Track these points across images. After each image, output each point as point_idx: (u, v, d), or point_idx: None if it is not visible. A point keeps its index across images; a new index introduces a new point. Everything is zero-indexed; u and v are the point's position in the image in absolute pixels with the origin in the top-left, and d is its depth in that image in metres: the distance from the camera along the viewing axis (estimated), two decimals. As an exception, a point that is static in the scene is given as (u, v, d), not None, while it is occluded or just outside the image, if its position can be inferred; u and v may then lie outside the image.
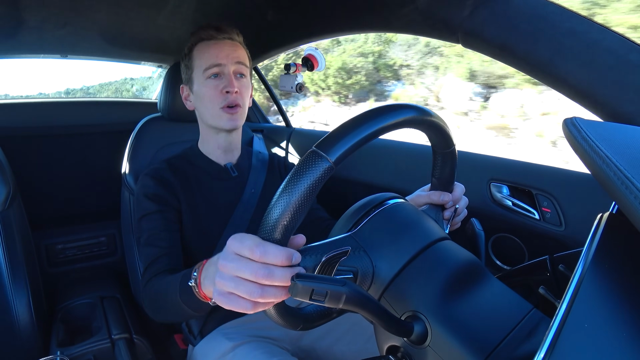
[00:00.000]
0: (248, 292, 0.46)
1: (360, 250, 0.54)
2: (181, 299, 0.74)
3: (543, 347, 0.32)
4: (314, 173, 0.44)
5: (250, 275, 0.46)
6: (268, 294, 0.46)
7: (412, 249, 0.53)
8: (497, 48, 0.74)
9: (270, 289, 0.46)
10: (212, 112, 1.05)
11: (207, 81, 1.05)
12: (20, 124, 1.72)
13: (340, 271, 0.51)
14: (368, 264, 0.53)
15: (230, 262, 0.48)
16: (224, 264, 0.48)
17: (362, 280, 0.53)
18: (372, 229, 0.56)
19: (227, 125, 1.05)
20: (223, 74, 1.05)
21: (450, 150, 0.64)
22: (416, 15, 0.91)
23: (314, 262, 0.49)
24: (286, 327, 0.54)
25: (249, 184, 1.15)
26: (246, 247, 0.46)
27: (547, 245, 0.99)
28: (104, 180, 1.73)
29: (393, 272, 0.52)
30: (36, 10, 1.21)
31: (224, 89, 1.03)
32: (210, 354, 0.97)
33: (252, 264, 0.46)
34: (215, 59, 1.04)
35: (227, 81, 1.04)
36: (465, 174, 1.09)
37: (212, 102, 1.04)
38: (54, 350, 1.06)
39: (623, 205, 0.34)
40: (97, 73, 24.22)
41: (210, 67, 1.04)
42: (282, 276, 0.45)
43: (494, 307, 0.49)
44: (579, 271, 0.37)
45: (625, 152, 0.40)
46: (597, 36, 0.62)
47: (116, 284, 1.51)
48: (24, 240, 1.16)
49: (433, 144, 0.64)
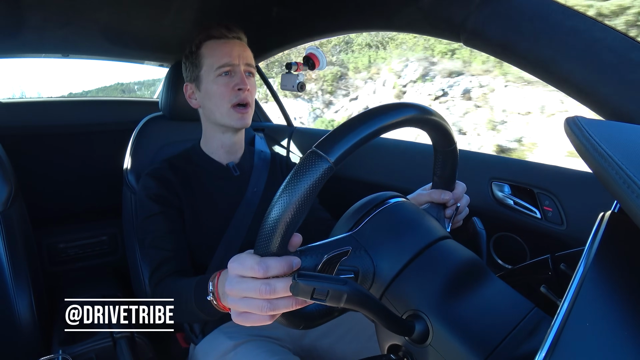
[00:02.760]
0: (259, 308, 0.48)
1: (361, 250, 0.54)
2: (197, 307, 0.75)
3: (544, 346, 0.32)
4: (314, 174, 0.44)
5: (255, 294, 0.47)
6: (278, 306, 0.48)
7: (413, 247, 0.53)
8: (499, 47, 0.73)
9: (279, 301, 0.48)
10: (222, 110, 1.05)
11: (219, 79, 1.04)
12: (22, 123, 1.72)
13: (341, 271, 0.51)
14: (369, 263, 0.53)
15: (236, 286, 0.49)
16: (230, 288, 0.50)
17: (363, 279, 0.53)
18: (373, 229, 0.56)
19: (238, 124, 1.06)
20: (234, 72, 1.05)
21: (451, 149, 0.64)
22: (418, 15, 0.91)
23: (315, 262, 0.49)
24: (288, 327, 0.54)
25: (251, 183, 1.15)
26: (247, 268, 0.48)
27: (549, 244, 0.99)
28: (106, 180, 1.73)
29: (394, 271, 0.52)
30: (37, 10, 1.21)
31: (235, 87, 1.04)
32: (211, 352, 0.97)
33: (254, 283, 0.47)
34: (229, 57, 1.04)
35: (239, 79, 1.04)
36: (467, 172, 1.08)
37: (223, 99, 1.04)
38: (56, 349, 1.06)
39: (625, 204, 0.34)
40: (97, 76, 24.24)
41: (223, 66, 1.04)
42: (285, 287, 0.46)
43: (495, 306, 0.49)
44: (581, 270, 0.37)
45: (627, 151, 0.39)
46: (599, 35, 0.62)
47: (118, 283, 1.52)
48: (26, 240, 1.16)
49: (434, 142, 0.64)
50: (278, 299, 0.48)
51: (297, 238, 0.51)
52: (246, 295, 0.49)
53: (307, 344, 1.03)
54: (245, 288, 0.48)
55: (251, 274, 0.48)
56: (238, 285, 0.49)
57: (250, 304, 0.49)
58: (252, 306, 0.48)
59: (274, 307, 0.48)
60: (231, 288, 0.50)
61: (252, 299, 0.48)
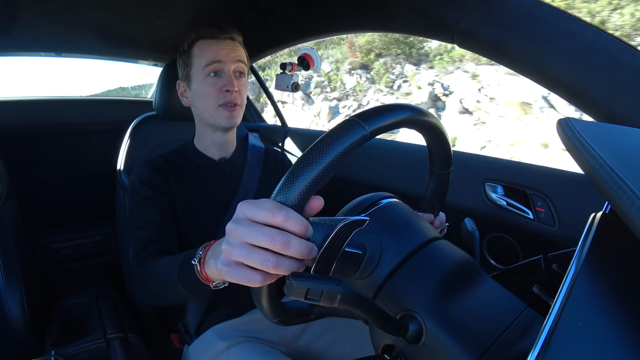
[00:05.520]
0: (261, 260, 0.42)
1: (371, 232, 0.54)
2: (179, 280, 0.72)
3: (537, 346, 0.33)
4: (350, 137, 0.44)
5: (265, 241, 0.41)
6: (282, 264, 0.42)
7: (406, 248, 0.53)
8: (492, 48, 0.74)
9: (285, 260, 0.42)
10: (210, 110, 1.05)
11: (207, 79, 1.04)
12: (14, 121, 1.70)
13: (349, 247, 0.50)
14: (377, 245, 0.54)
15: (242, 227, 0.43)
16: (234, 227, 0.44)
17: (369, 260, 0.53)
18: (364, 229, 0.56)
19: (226, 123, 1.05)
20: (223, 72, 1.05)
21: (446, 172, 0.67)
22: (412, 16, 0.91)
23: (326, 233, 0.44)
24: (266, 315, 0.53)
25: (244, 179, 1.15)
26: (265, 210, 0.42)
27: (541, 245, 1.00)
28: (99, 179, 1.72)
29: (390, 267, 0.52)
30: (31, 8, 1.20)
31: (223, 87, 1.03)
32: (204, 353, 0.97)
33: (269, 229, 0.42)
34: (216, 57, 1.03)
35: (227, 80, 1.04)
36: (461, 174, 1.09)
37: (210, 99, 1.04)
38: (49, 350, 1.05)
39: (615, 205, 0.35)
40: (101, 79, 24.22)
41: (210, 65, 1.03)
42: (298, 247, 0.42)
43: (488, 306, 0.49)
44: (572, 270, 0.37)
45: (618, 153, 0.40)
46: (591, 37, 0.63)
47: (111, 284, 1.51)
48: (18, 240, 1.15)
49: (432, 162, 0.67)
50: (284, 256, 0.42)
51: (319, 201, 0.46)
52: (250, 242, 0.42)
53: (300, 347, 1.03)
54: (254, 231, 0.42)
55: (267, 218, 0.42)
56: (245, 227, 0.43)
57: (252, 252, 0.42)
58: (253, 256, 0.42)
59: (278, 264, 0.42)
60: (235, 227, 0.43)
61: (255, 248, 0.43)
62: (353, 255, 0.51)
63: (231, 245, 0.44)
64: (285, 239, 0.41)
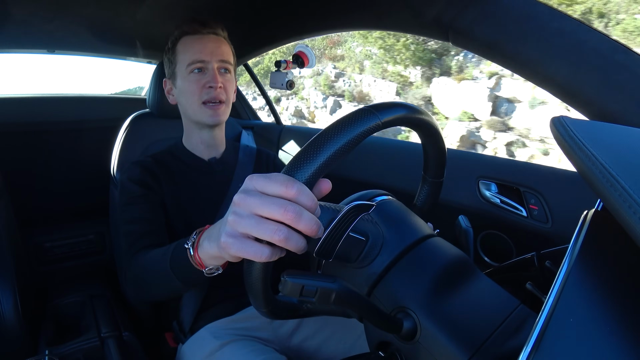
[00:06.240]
0: (272, 231, 0.41)
1: (375, 221, 0.55)
2: (171, 267, 0.71)
3: (530, 342, 0.33)
4: (365, 124, 0.45)
5: (278, 211, 0.40)
6: (292, 237, 0.41)
7: (407, 240, 0.54)
8: (486, 47, 0.74)
9: (294, 234, 0.41)
10: (194, 107, 1.05)
11: (190, 76, 1.04)
12: (7, 119, 1.68)
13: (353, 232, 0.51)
14: (379, 233, 0.54)
15: (252, 197, 0.41)
16: (243, 197, 0.42)
17: (372, 247, 0.53)
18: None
19: (210, 120, 1.05)
20: (206, 69, 1.04)
21: (439, 182, 0.68)
22: (407, 14, 0.91)
23: (328, 219, 0.45)
24: (255, 303, 0.53)
25: (234, 179, 1.14)
26: (278, 182, 0.41)
27: (535, 242, 1.00)
28: (92, 177, 1.71)
29: (388, 259, 0.53)
30: (24, 4, 1.19)
31: (206, 84, 1.03)
32: (198, 352, 0.97)
33: (281, 200, 0.40)
34: (199, 54, 1.02)
35: (210, 76, 1.03)
36: (455, 171, 1.10)
37: (193, 96, 1.04)
38: (43, 349, 1.04)
39: (607, 202, 0.35)
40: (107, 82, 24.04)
41: (193, 62, 1.03)
42: (309, 221, 0.41)
43: (482, 303, 0.50)
44: (565, 267, 0.37)
45: (611, 151, 0.40)
46: (584, 37, 0.63)
47: (105, 283, 1.50)
48: (12, 238, 1.14)
49: (426, 169, 0.68)
50: (294, 230, 0.41)
51: (327, 184, 0.46)
52: (261, 213, 0.41)
53: (294, 345, 1.03)
54: (266, 202, 0.41)
55: (279, 191, 0.41)
56: (255, 197, 0.41)
57: (261, 222, 0.41)
58: (264, 226, 0.41)
59: (288, 236, 0.41)
60: (244, 197, 0.42)
61: (265, 220, 0.41)
62: (356, 241, 0.52)
63: (239, 216, 0.42)
64: (298, 210, 0.40)
